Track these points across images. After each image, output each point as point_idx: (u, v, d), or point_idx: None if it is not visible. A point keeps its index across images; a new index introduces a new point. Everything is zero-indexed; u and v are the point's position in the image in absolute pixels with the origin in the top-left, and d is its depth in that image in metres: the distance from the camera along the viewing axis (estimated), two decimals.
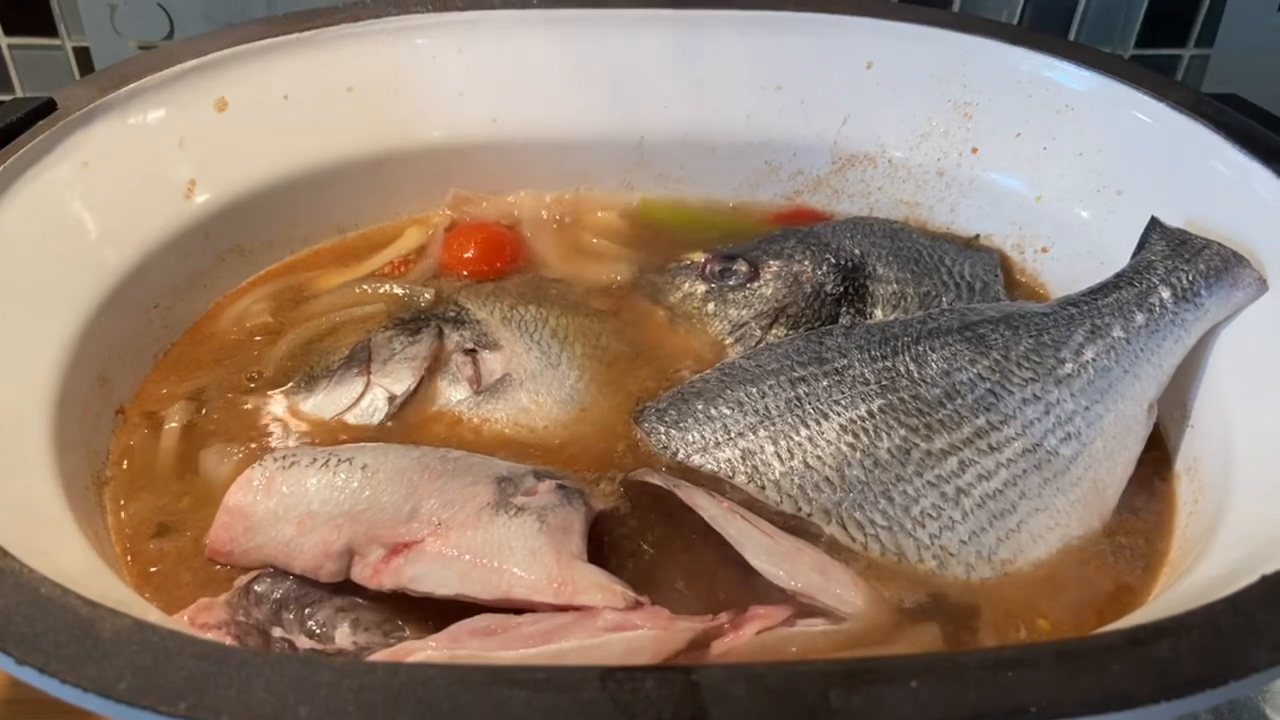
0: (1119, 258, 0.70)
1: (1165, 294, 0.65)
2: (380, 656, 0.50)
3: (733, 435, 0.61)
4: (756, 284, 0.75)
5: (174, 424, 0.64)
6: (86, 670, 0.35)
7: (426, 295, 0.75)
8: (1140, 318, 0.64)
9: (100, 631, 0.37)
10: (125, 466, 0.62)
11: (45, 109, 0.66)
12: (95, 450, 0.61)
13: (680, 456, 0.62)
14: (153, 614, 0.47)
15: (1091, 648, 0.38)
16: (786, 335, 0.72)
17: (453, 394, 0.67)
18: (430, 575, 0.53)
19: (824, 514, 0.58)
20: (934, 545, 0.57)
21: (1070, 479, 0.60)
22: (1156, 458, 0.64)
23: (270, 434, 0.64)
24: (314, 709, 0.34)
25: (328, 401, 0.66)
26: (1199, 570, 0.51)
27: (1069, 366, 0.63)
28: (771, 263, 0.76)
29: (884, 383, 0.62)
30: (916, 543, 0.57)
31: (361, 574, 0.55)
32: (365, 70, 0.79)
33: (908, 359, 0.63)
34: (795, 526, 0.59)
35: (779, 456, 0.60)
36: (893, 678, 0.36)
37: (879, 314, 0.73)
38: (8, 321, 0.57)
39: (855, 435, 0.60)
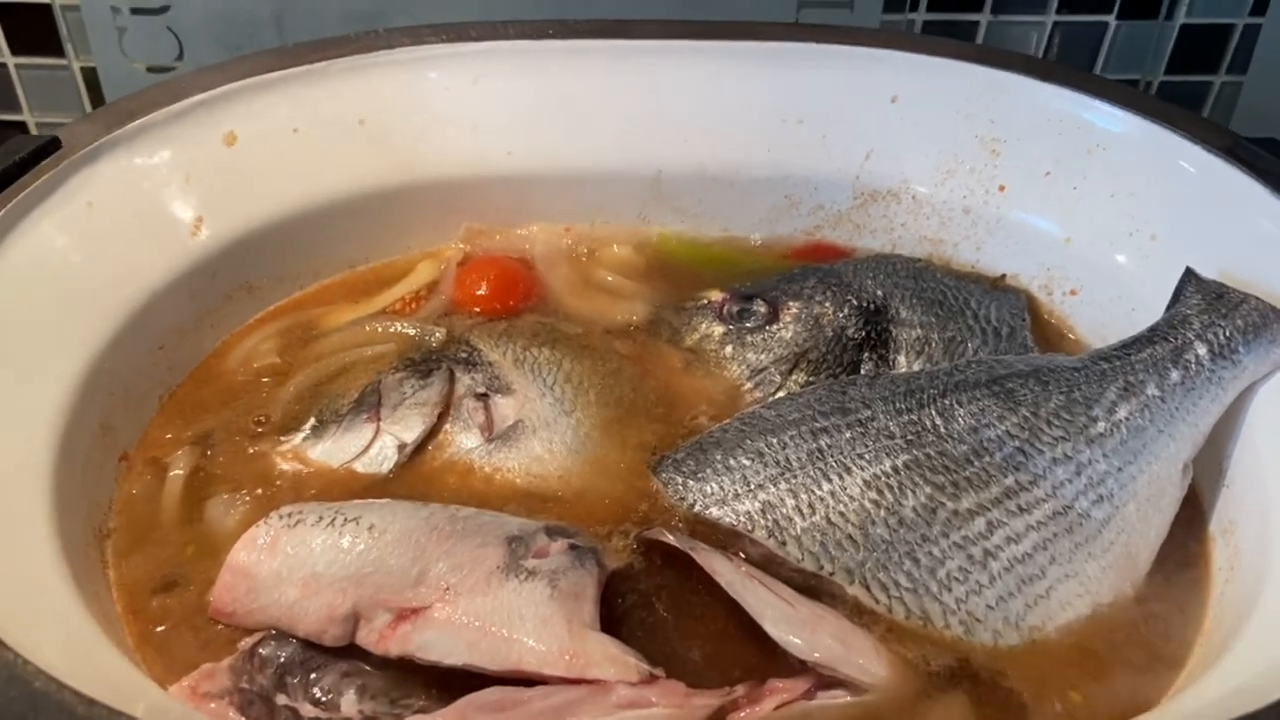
0: (1151, 303, 0.68)
1: (1202, 350, 0.62)
2: None
3: (753, 487, 0.60)
4: (775, 326, 0.73)
5: (179, 471, 0.63)
6: None
7: (438, 334, 0.74)
8: (1175, 375, 0.62)
9: None
10: (128, 517, 0.61)
11: (49, 147, 0.65)
12: (97, 502, 0.59)
13: (698, 508, 0.60)
14: (151, 693, 0.45)
15: None
16: (807, 381, 0.70)
17: (464, 441, 0.66)
18: (438, 644, 0.51)
19: (847, 574, 0.56)
20: (960, 610, 0.55)
21: (1102, 543, 0.58)
22: (1191, 519, 0.62)
23: (278, 482, 0.62)
24: None
25: (336, 449, 0.65)
26: (1235, 656, 0.49)
27: (1101, 425, 0.61)
28: (791, 304, 0.74)
29: (909, 437, 0.60)
30: (943, 607, 0.55)
31: (367, 639, 0.53)
32: (377, 102, 0.78)
33: (934, 412, 0.61)
34: (816, 586, 0.57)
35: (800, 511, 0.58)
36: None
37: (902, 360, 0.70)
38: (8, 370, 0.56)
39: (880, 491, 0.58)
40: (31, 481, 0.53)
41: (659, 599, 0.57)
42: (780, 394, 0.70)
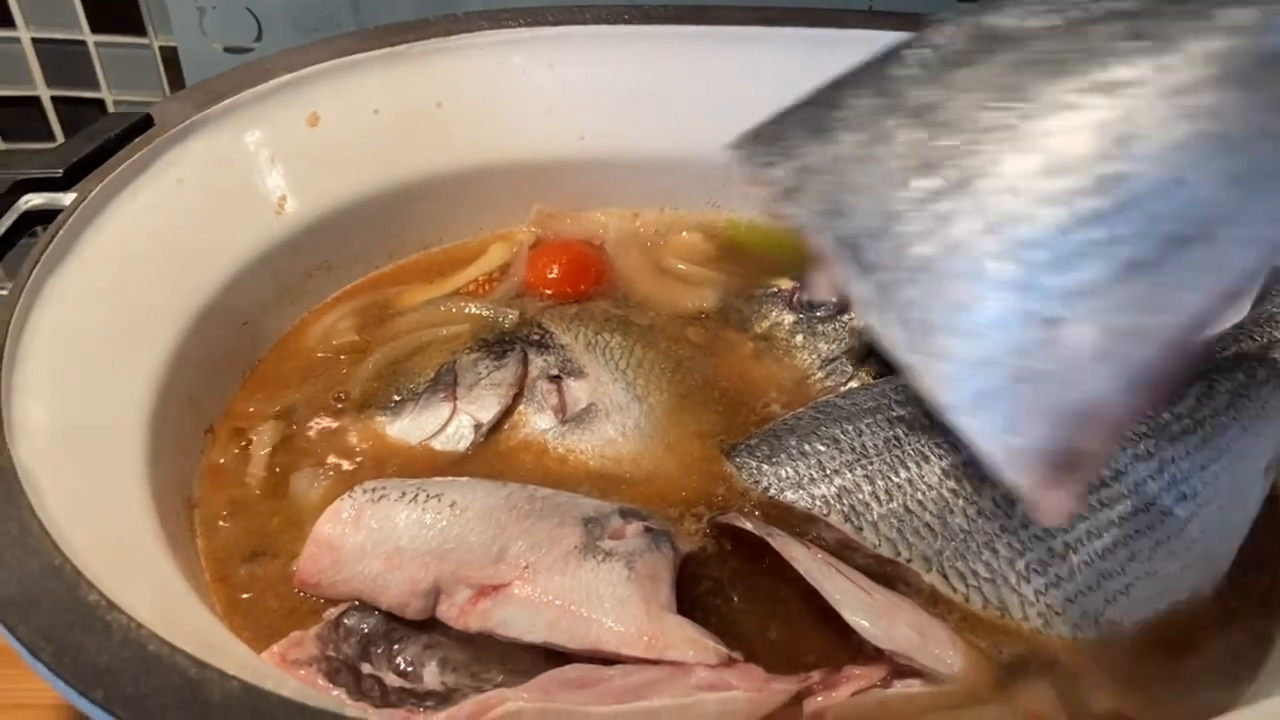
0: None
1: None
2: (470, 704, 0.49)
3: (828, 473, 0.60)
4: (847, 315, 0.73)
5: (264, 444, 0.64)
6: None
7: (511, 316, 0.74)
8: (1262, 373, 0.61)
9: (209, 695, 0.36)
10: (213, 488, 0.62)
11: (143, 125, 0.66)
12: (185, 473, 0.61)
13: (772, 492, 0.60)
14: (248, 658, 0.46)
15: None
16: (879, 372, 0.70)
17: (538, 422, 0.66)
18: (518, 620, 0.52)
19: (924, 561, 0.56)
20: (1039, 602, 0.55)
21: (1183, 541, 0.57)
22: (1273, 519, 0.61)
23: (358, 457, 0.64)
24: None
25: (414, 426, 0.66)
26: None
27: (1185, 422, 0.60)
28: None
29: None
30: (1021, 598, 0.55)
31: (448, 613, 0.54)
32: (455, 85, 0.79)
33: None
34: (890, 574, 0.57)
35: (877, 497, 0.58)
36: None
37: None
38: (106, 342, 0.58)
39: (958, 481, 0.58)
40: (129, 450, 0.54)
41: (731, 584, 0.58)
42: (853, 384, 0.70)
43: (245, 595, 0.56)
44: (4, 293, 0.54)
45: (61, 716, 0.68)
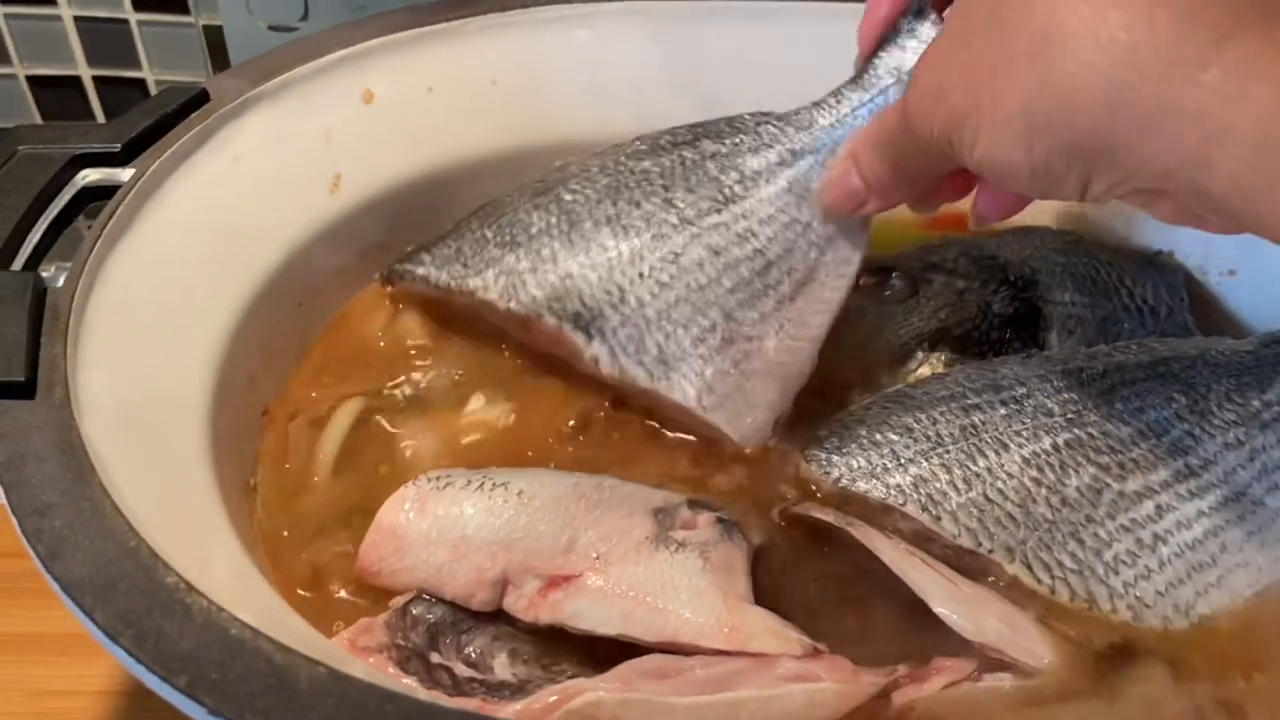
0: None
1: None
2: (549, 693, 0.47)
3: (903, 461, 0.58)
4: (915, 300, 0.71)
5: (338, 428, 0.62)
6: None
7: None
8: None
9: (297, 682, 0.35)
10: (272, 470, 0.61)
11: (199, 100, 0.65)
12: (245, 455, 0.60)
13: (844, 482, 0.58)
14: (320, 644, 0.45)
15: None
16: (950, 359, 0.68)
17: None
18: (591, 612, 0.51)
19: (1007, 552, 0.54)
20: (1128, 594, 0.53)
21: (1276, 532, 0.56)
22: None
23: (423, 446, 0.62)
24: None
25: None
26: None
27: (1275, 410, 0.58)
28: (933, 277, 0.71)
29: (1069, 415, 0.58)
30: (1109, 590, 0.53)
31: (516, 605, 0.53)
32: (509, 62, 0.77)
33: (1095, 392, 0.59)
34: (973, 565, 0.55)
35: (955, 486, 0.56)
36: None
37: (1053, 339, 0.68)
38: (168, 318, 0.56)
39: (1040, 469, 0.56)
40: (192, 430, 0.53)
41: (807, 577, 0.56)
42: (923, 370, 0.68)
43: (306, 582, 0.55)
44: (66, 267, 0.53)
45: (111, 703, 0.67)
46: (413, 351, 0.68)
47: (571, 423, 0.63)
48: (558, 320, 0.61)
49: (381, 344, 0.68)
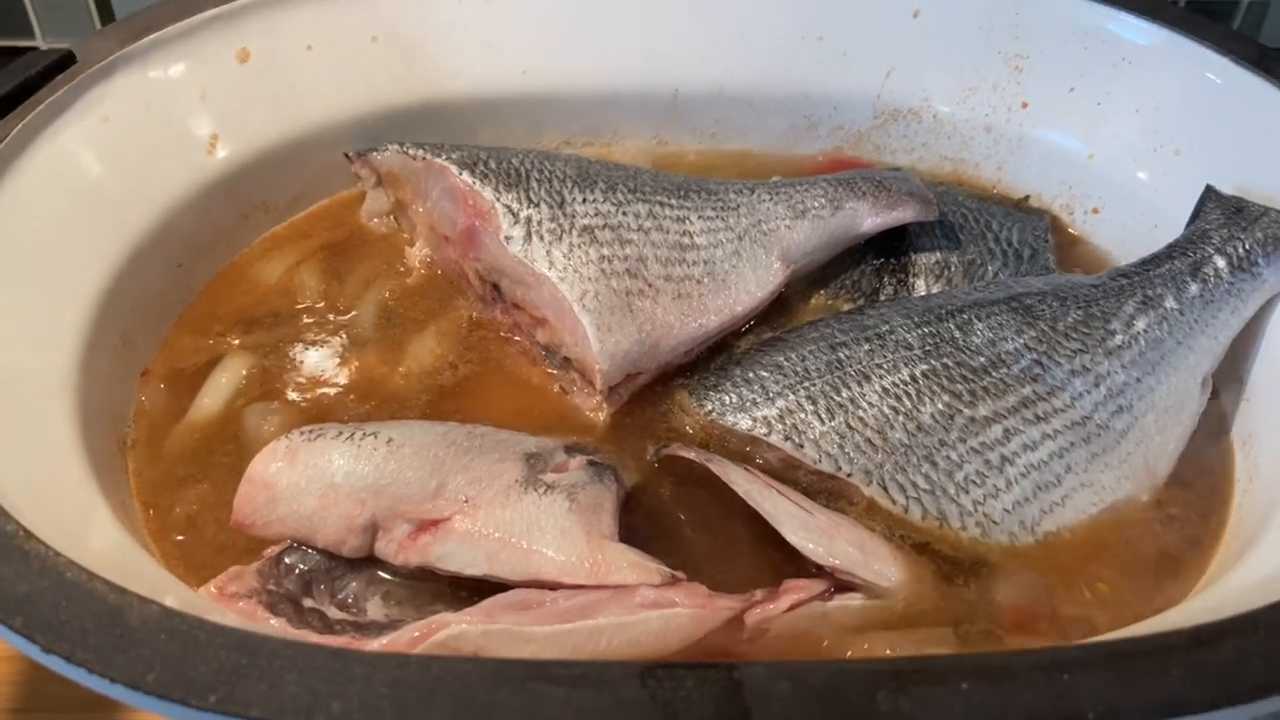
0: (1175, 221, 0.68)
1: (1220, 263, 0.62)
2: (414, 629, 0.49)
3: (771, 395, 0.60)
4: None
5: (209, 382, 0.63)
6: (115, 660, 0.35)
7: None
8: (1194, 288, 0.61)
9: (128, 620, 0.36)
10: (149, 428, 0.61)
11: (65, 62, 0.64)
12: (119, 415, 0.60)
13: (715, 415, 0.60)
14: (178, 589, 0.46)
15: (1151, 648, 0.36)
16: (825, 306, 0.70)
17: None
18: (458, 554, 0.52)
19: (864, 475, 0.57)
20: (977, 512, 0.56)
21: (1119, 454, 0.58)
22: (1211, 431, 0.62)
23: (304, 401, 0.63)
24: (346, 703, 0.34)
25: None
26: (1258, 557, 0.49)
27: (1119, 338, 0.61)
28: None
29: (927, 348, 0.60)
30: (959, 508, 0.56)
31: (386, 549, 0.54)
32: (390, 20, 0.77)
33: (952, 326, 0.61)
34: (834, 489, 0.57)
35: (819, 416, 0.58)
36: (943, 679, 0.34)
37: (921, 284, 0.70)
38: (31, 283, 0.56)
39: (898, 398, 0.58)
40: (57, 391, 0.53)
41: (678, 514, 0.58)
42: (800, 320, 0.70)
43: (180, 536, 0.56)
44: None
45: (13, 668, 0.68)
46: (299, 307, 0.69)
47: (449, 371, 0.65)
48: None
49: (267, 300, 0.69)
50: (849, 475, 0.56)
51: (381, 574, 0.54)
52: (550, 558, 0.51)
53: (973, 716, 0.34)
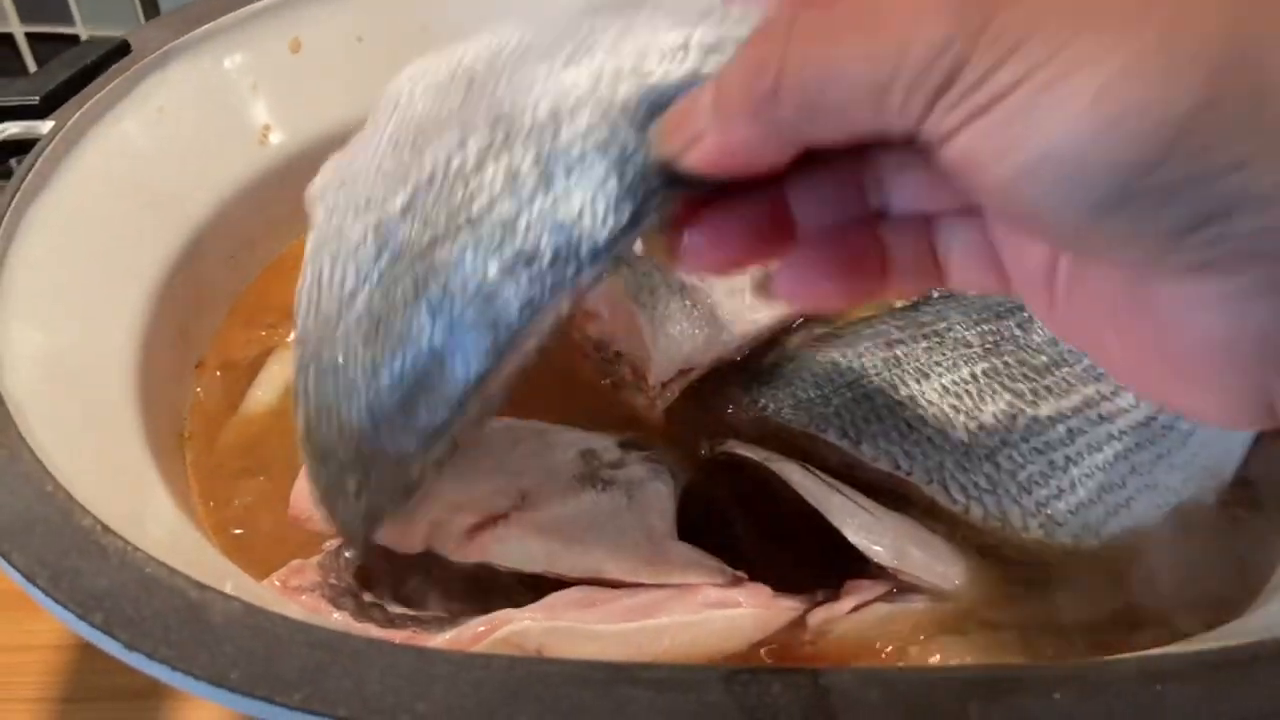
0: None
1: None
2: (477, 624, 0.49)
3: (827, 392, 0.59)
4: None
5: (263, 374, 0.63)
6: (199, 657, 0.34)
7: None
8: None
9: (211, 616, 0.36)
10: (205, 421, 0.61)
11: (120, 51, 0.64)
12: (177, 408, 0.60)
13: (769, 412, 0.60)
14: (246, 583, 0.46)
15: (1244, 657, 0.36)
16: (877, 300, 0.69)
17: None
18: (517, 551, 0.52)
19: (925, 474, 0.56)
20: (1040, 513, 0.55)
21: (1185, 455, 0.57)
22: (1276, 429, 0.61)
23: None
24: (432, 704, 0.33)
25: None
26: None
27: None
28: None
29: (987, 346, 0.60)
30: (1022, 509, 0.55)
31: (444, 545, 0.53)
32: (440, 10, 0.76)
33: (1012, 324, 0.61)
34: (893, 488, 0.57)
35: (877, 414, 0.58)
36: (1036, 689, 0.34)
37: None
38: (93, 275, 0.56)
39: (958, 397, 0.58)
40: (120, 380, 0.53)
41: (734, 514, 0.57)
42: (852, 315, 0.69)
43: (238, 530, 0.56)
44: None
45: (63, 657, 0.68)
46: None
47: None
48: None
49: None
50: (909, 474, 0.56)
51: (439, 569, 0.54)
52: (611, 555, 0.51)
53: None
